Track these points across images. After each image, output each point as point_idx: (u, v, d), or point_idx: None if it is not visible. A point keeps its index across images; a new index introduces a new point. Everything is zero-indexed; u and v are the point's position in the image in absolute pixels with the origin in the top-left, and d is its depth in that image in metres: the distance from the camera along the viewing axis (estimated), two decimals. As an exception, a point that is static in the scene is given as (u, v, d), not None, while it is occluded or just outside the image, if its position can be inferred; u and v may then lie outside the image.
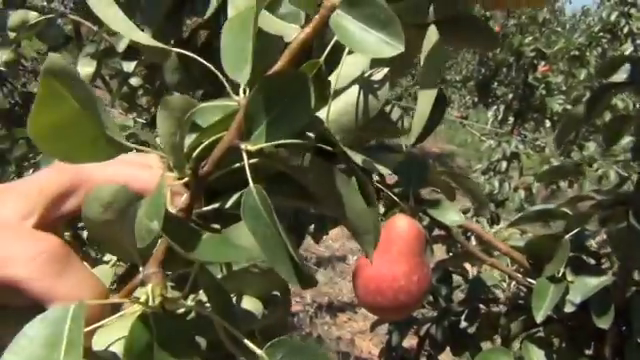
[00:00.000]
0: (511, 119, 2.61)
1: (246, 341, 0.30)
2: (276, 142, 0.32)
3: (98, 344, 0.30)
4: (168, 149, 0.32)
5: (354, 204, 0.35)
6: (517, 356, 0.86)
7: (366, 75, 0.38)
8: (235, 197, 0.36)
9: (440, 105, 0.45)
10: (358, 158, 0.37)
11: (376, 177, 0.80)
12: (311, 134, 0.35)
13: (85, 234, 0.38)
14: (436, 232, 0.95)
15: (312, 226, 1.04)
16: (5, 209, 0.33)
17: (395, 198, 0.76)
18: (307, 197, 0.38)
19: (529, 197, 2.36)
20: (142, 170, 0.34)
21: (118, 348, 0.30)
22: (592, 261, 0.80)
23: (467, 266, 1.18)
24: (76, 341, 0.26)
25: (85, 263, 0.33)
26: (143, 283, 0.31)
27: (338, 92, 0.38)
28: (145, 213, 0.29)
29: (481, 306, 1.05)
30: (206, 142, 0.33)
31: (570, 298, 0.73)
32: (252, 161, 0.32)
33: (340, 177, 0.35)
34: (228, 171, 0.35)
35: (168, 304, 0.30)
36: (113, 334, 0.31)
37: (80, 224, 0.34)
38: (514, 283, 1.01)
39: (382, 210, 0.84)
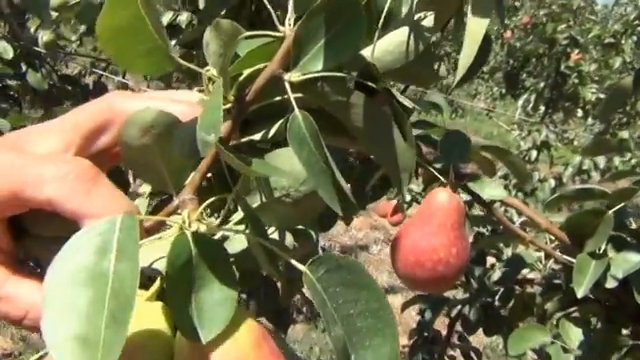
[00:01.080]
0: (542, 108, 2.58)
1: (290, 259, 0.31)
2: (320, 73, 0.32)
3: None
4: (217, 69, 0.33)
5: (393, 142, 0.36)
6: (553, 334, 0.86)
7: (415, 17, 0.38)
8: (276, 127, 0.37)
9: (485, 45, 0.44)
10: (399, 95, 0.38)
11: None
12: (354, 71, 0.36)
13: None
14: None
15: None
16: (44, 146, 0.34)
17: (435, 173, 0.77)
18: (346, 135, 0.38)
19: (559, 187, 2.33)
20: (174, 105, 0.35)
21: (159, 265, 0.31)
22: (633, 240, 0.79)
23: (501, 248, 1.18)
24: (129, 249, 0.26)
25: None
26: (178, 209, 0.32)
27: (384, 30, 0.38)
28: (201, 125, 0.29)
29: (516, 287, 1.05)
30: (250, 70, 0.33)
31: (612, 274, 0.72)
32: (294, 96, 0.32)
33: (382, 114, 0.35)
34: (267, 104, 0.35)
35: (204, 228, 0.31)
36: (151, 254, 0.31)
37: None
38: (550, 264, 1.00)
39: (422, 186, 0.84)
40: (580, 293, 0.71)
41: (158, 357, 0.30)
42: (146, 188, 0.45)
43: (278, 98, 0.36)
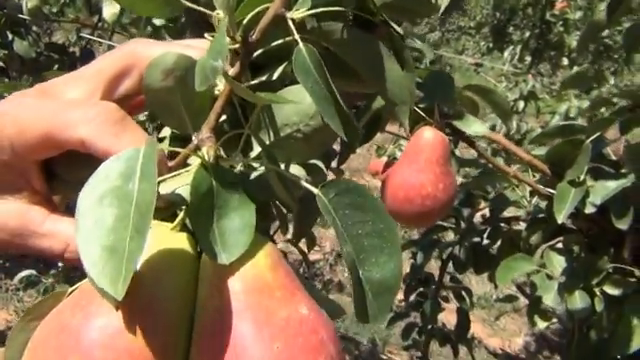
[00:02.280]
0: (528, 58, 2.60)
1: (303, 182, 0.34)
2: (319, 9, 0.35)
3: (162, 190, 0.34)
4: (223, 9, 0.35)
5: (393, 73, 0.38)
6: (539, 264, 0.90)
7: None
8: (282, 68, 0.39)
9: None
10: (395, 26, 0.40)
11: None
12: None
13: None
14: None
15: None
16: (70, 94, 0.37)
17: (421, 113, 0.79)
18: (348, 75, 0.41)
19: (546, 135, 2.35)
20: (191, 50, 0.37)
21: (183, 192, 0.34)
22: (611, 170, 0.83)
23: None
24: (149, 172, 0.29)
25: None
26: (197, 148, 0.34)
27: None
28: (209, 54, 0.32)
29: (502, 225, 1.09)
30: (255, 11, 0.35)
31: (590, 200, 0.76)
32: (297, 37, 0.35)
33: (381, 47, 0.38)
34: (273, 48, 0.38)
35: (222, 162, 0.34)
36: (174, 185, 0.34)
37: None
38: (534, 200, 1.04)
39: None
40: (560, 219, 0.75)
41: (184, 278, 0.33)
42: (166, 133, 0.48)
43: (282, 40, 0.38)
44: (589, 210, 0.76)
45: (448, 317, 1.41)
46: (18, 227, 0.36)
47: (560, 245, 0.93)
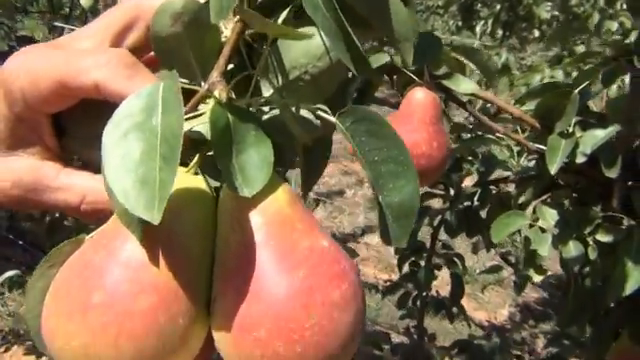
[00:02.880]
0: (499, 32, 2.63)
1: (320, 112, 0.35)
2: None
3: None
4: None
5: (398, 12, 0.39)
6: (532, 219, 0.92)
7: None
8: (285, 12, 0.39)
9: None
10: None
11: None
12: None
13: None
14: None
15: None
16: (81, 45, 0.37)
17: (411, 75, 0.80)
18: (357, 20, 0.41)
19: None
20: None
21: (200, 128, 0.34)
22: (597, 121, 0.85)
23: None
24: (173, 103, 0.29)
25: None
26: (209, 92, 0.34)
27: None
28: None
29: (492, 187, 1.11)
30: None
31: (581, 150, 0.78)
32: None
33: None
34: None
35: (236, 102, 0.34)
36: (191, 124, 0.34)
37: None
38: (522, 160, 1.06)
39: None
40: (553, 170, 0.77)
41: (203, 215, 0.33)
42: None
43: None
44: (580, 160, 0.78)
45: (437, 288, 1.43)
46: (32, 182, 0.36)
47: (551, 200, 0.96)
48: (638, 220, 0.82)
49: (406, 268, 1.33)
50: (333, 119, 0.34)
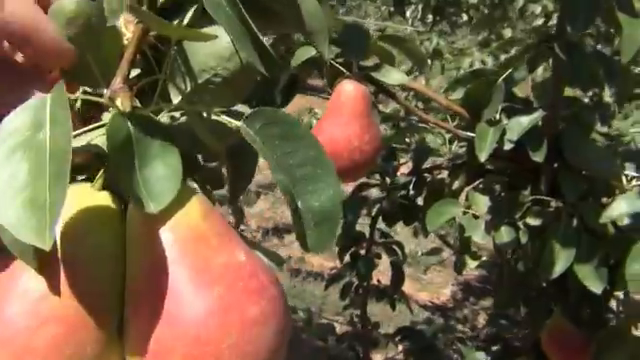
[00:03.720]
0: (430, 17, 2.67)
1: (224, 117, 0.33)
2: None
3: (76, 144, 0.32)
4: None
5: (307, 4, 0.38)
6: (465, 206, 0.94)
7: None
8: (191, 11, 0.37)
9: None
10: None
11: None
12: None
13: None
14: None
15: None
16: None
17: (339, 67, 0.79)
18: (265, 12, 0.39)
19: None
20: None
21: (100, 141, 0.32)
22: (522, 107, 0.87)
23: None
24: (61, 117, 0.27)
25: None
26: (111, 100, 0.32)
27: None
28: None
29: (426, 175, 1.12)
30: None
31: (508, 137, 0.80)
32: None
33: None
34: None
35: (139, 110, 0.32)
36: (90, 137, 0.32)
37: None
38: (454, 147, 1.08)
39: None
40: (483, 157, 0.78)
41: (109, 236, 0.31)
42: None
43: None
44: (507, 146, 0.80)
45: (379, 276, 1.44)
46: None
47: (482, 186, 0.97)
48: (565, 202, 0.84)
49: (347, 258, 1.33)
50: (238, 123, 0.32)
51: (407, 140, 1.13)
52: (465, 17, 2.71)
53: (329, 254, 3.54)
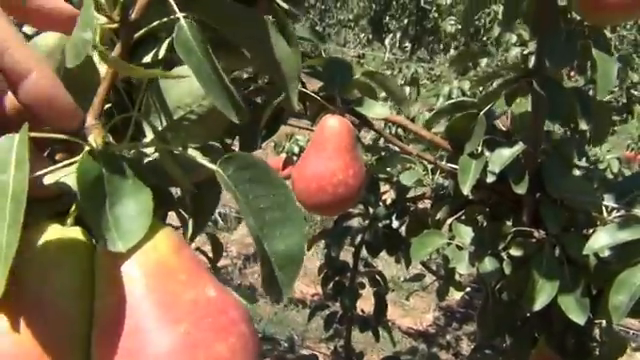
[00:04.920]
0: (408, 45, 2.71)
1: (199, 157, 0.33)
2: None
3: (48, 181, 0.32)
4: None
5: (280, 49, 0.38)
6: (449, 237, 0.94)
7: None
8: (166, 44, 0.37)
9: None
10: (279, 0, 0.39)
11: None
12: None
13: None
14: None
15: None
16: None
17: (323, 101, 0.80)
18: (234, 52, 0.40)
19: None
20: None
21: (69, 180, 0.32)
22: (504, 139, 0.88)
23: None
24: (22, 159, 0.27)
25: None
26: (83, 137, 0.32)
27: None
28: (78, 28, 0.30)
29: (409, 205, 1.13)
30: None
31: (490, 170, 0.80)
32: (179, 15, 0.33)
33: (263, 22, 0.37)
34: (156, 26, 0.36)
35: (112, 149, 0.32)
36: (61, 174, 0.32)
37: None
38: (437, 177, 1.09)
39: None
40: (465, 190, 0.78)
41: (77, 273, 0.31)
42: None
43: (165, 20, 0.36)
44: (490, 179, 0.80)
45: (363, 305, 1.43)
46: None
47: (465, 217, 0.98)
48: (548, 233, 0.85)
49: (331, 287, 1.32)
50: (213, 167, 0.32)
51: (390, 170, 1.13)
52: (442, 45, 2.78)
53: (310, 280, 3.52)
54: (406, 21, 2.66)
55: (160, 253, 0.31)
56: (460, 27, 2.46)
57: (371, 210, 1.17)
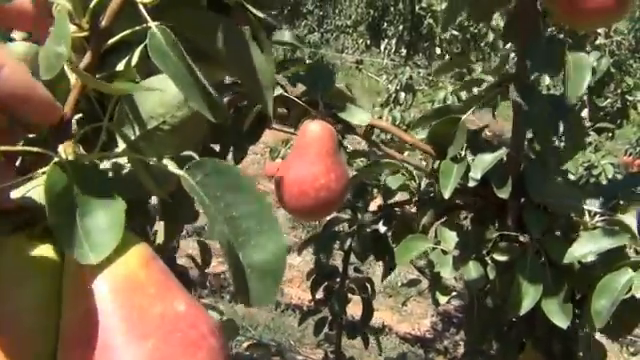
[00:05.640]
0: (404, 51, 2.71)
1: (167, 162, 0.33)
2: None
3: (16, 195, 0.32)
4: None
5: (254, 58, 0.38)
6: (434, 242, 0.94)
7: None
8: (138, 52, 0.37)
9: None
10: (254, 10, 0.39)
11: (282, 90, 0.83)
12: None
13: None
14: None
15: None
16: None
17: (305, 106, 0.80)
18: (208, 61, 0.39)
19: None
20: None
21: (36, 194, 0.32)
22: (487, 145, 0.88)
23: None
24: None
25: None
26: (53, 149, 0.32)
27: None
28: (51, 40, 0.30)
29: (396, 209, 1.13)
30: None
31: (472, 175, 0.81)
32: (151, 23, 0.33)
33: (238, 32, 0.37)
34: (127, 35, 0.36)
35: (83, 159, 0.32)
36: (29, 187, 0.32)
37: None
38: (424, 181, 1.08)
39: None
40: (447, 194, 0.78)
41: (43, 288, 0.31)
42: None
43: (137, 28, 0.36)
44: (471, 184, 0.80)
45: (355, 310, 1.43)
46: None
47: (450, 221, 0.98)
48: (532, 238, 0.85)
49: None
50: (180, 172, 0.32)
51: (378, 175, 1.13)
52: (439, 50, 2.78)
53: (308, 286, 3.51)
54: (401, 27, 2.67)
55: (129, 267, 0.30)
56: (456, 33, 2.48)
57: (360, 215, 1.17)
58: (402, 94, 2.59)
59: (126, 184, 0.36)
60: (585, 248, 0.75)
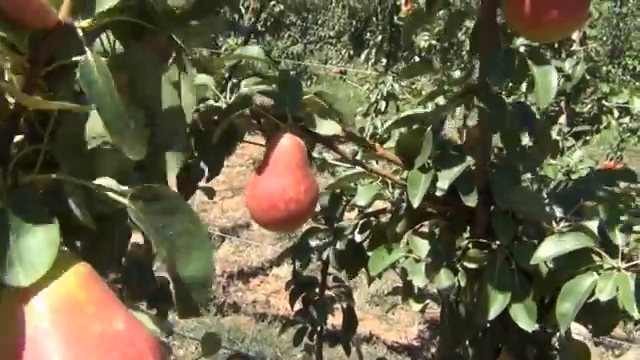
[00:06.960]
0: (384, 60, 2.74)
1: (112, 191, 0.34)
2: (108, 18, 0.34)
3: None
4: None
5: (165, 96, 0.39)
6: (407, 250, 0.95)
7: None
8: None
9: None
10: (181, 32, 0.40)
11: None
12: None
13: None
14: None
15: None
16: None
17: (274, 119, 0.81)
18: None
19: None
20: None
21: None
22: (455, 153, 0.90)
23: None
24: None
25: None
26: None
27: None
28: None
29: (371, 219, 1.14)
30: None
31: (439, 185, 0.82)
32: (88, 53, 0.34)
33: (150, 60, 0.38)
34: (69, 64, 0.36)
35: (22, 180, 0.33)
36: None
37: None
38: (397, 192, 1.10)
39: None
40: (415, 204, 0.80)
41: None
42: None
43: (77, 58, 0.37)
44: (439, 193, 0.82)
45: (337, 319, 1.44)
46: None
47: (423, 228, 0.99)
48: (500, 244, 0.86)
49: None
50: (125, 201, 0.33)
51: (353, 185, 1.14)
52: (417, 59, 2.81)
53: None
54: (380, 37, 2.70)
55: (68, 287, 0.31)
56: (434, 42, 2.51)
57: (334, 224, 1.18)
58: (383, 103, 2.62)
59: (66, 205, 0.37)
60: (550, 250, 0.77)
